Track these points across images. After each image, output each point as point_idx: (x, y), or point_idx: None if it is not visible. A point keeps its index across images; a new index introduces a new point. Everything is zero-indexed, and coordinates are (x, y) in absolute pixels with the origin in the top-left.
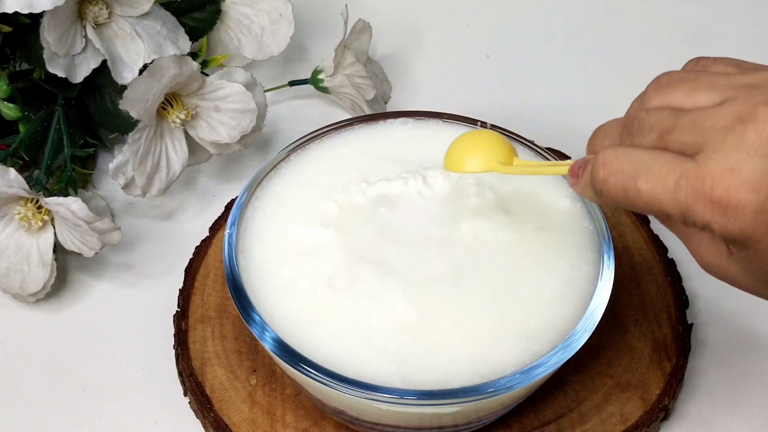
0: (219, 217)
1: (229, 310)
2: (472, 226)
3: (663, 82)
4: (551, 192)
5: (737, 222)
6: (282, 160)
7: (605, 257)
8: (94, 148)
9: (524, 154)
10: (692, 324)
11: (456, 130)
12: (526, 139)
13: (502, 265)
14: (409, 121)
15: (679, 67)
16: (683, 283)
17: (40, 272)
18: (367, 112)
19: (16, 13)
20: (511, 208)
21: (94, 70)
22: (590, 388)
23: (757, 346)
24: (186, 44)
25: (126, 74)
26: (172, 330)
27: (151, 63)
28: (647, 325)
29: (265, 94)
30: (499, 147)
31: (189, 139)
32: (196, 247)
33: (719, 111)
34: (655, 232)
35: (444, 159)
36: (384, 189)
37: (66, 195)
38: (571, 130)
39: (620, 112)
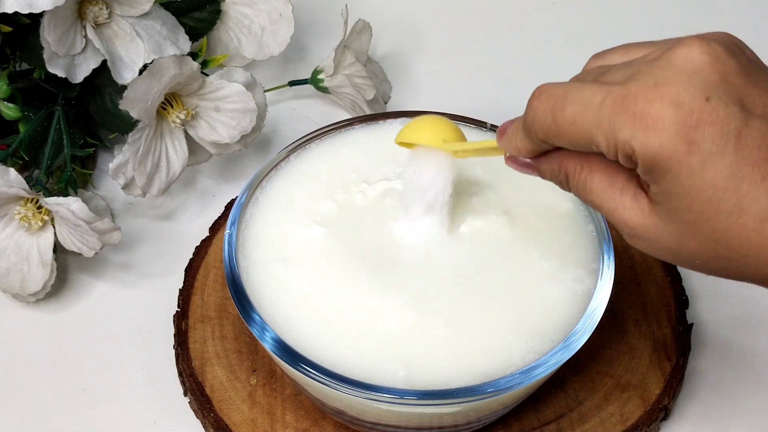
0: (219, 217)
1: (229, 310)
2: (471, 226)
3: (598, 54)
4: (551, 193)
5: (656, 137)
6: (282, 160)
7: (605, 257)
8: (94, 148)
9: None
10: (692, 324)
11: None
12: None
13: (501, 266)
14: (409, 120)
15: None
16: (683, 283)
17: (40, 272)
18: (367, 112)
19: (16, 13)
20: (511, 209)
21: (94, 70)
22: (590, 388)
23: (757, 346)
24: (186, 44)
25: (126, 74)
26: (172, 330)
27: (151, 63)
28: (647, 325)
29: (265, 94)
30: (445, 128)
31: (189, 139)
32: (196, 247)
33: (652, 53)
34: None
35: (396, 134)
36: (384, 189)
37: (66, 195)
38: None
39: None
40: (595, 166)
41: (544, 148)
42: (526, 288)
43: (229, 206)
